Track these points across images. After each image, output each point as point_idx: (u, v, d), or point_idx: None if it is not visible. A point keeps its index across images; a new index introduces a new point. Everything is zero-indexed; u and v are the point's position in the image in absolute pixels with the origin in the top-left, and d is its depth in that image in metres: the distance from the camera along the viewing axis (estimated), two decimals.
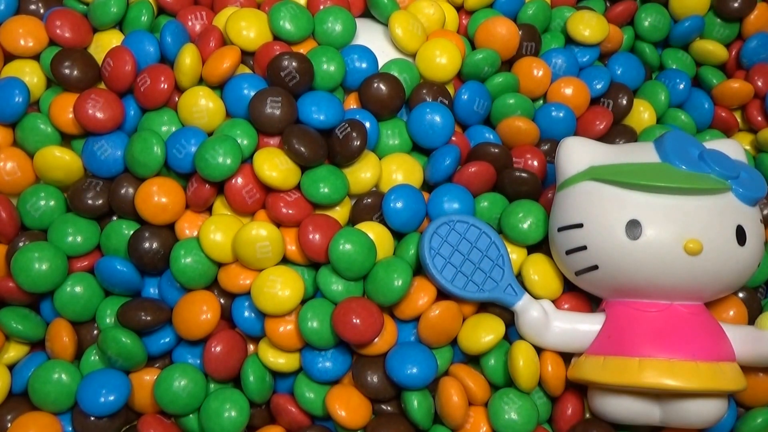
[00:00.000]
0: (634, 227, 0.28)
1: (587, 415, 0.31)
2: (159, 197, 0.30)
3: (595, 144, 0.30)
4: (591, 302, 0.31)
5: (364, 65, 0.33)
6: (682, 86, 0.38)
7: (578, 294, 0.31)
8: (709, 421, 0.28)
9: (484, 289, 0.30)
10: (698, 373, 0.27)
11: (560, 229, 0.30)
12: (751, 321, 0.31)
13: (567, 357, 0.30)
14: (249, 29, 0.33)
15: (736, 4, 0.39)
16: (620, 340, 0.29)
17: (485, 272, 0.30)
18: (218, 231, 0.30)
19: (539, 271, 0.31)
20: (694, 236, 0.28)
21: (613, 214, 0.28)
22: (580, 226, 0.29)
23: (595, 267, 0.29)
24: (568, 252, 0.29)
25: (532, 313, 0.30)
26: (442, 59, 0.34)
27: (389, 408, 0.30)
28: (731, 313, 0.31)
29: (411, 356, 0.29)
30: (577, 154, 0.30)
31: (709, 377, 0.27)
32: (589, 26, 0.37)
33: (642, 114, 0.37)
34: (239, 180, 0.30)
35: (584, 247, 0.29)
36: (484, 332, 0.29)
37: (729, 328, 0.29)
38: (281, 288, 0.29)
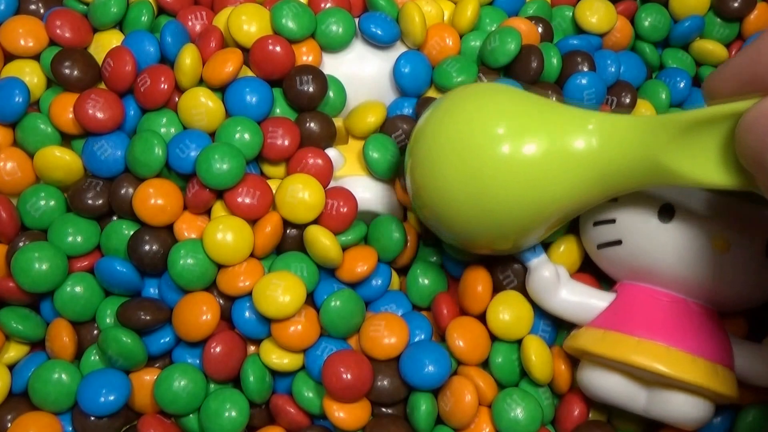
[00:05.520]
0: (667, 211, 0.28)
1: (590, 416, 0.31)
2: (156, 199, 0.30)
3: None
4: (601, 287, 0.31)
5: None
6: (682, 85, 0.37)
7: (588, 276, 0.31)
8: (690, 421, 0.28)
9: None
10: (693, 366, 0.27)
11: None
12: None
13: (572, 358, 0.30)
14: (250, 24, 0.32)
15: (736, 4, 0.39)
16: (625, 317, 0.28)
17: None
18: (223, 232, 0.29)
19: (564, 241, 0.31)
20: (723, 234, 0.28)
21: (650, 195, 0.28)
22: (615, 200, 0.29)
23: (619, 242, 0.29)
24: (596, 223, 0.29)
25: (544, 272, 0.29)
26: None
27: (388, 410, 0.30)
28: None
29: (426, 355, 0.29)
30: None
31: (702, 373, 0.27)
32: (596, 14, 0.37)
33: (643, 113, 0.36)
34: (241, 188, 0.30)
35: (613, 221, 0.29)
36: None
37: (736, 341, 0.29)
38: (282, 293, 0.29)
